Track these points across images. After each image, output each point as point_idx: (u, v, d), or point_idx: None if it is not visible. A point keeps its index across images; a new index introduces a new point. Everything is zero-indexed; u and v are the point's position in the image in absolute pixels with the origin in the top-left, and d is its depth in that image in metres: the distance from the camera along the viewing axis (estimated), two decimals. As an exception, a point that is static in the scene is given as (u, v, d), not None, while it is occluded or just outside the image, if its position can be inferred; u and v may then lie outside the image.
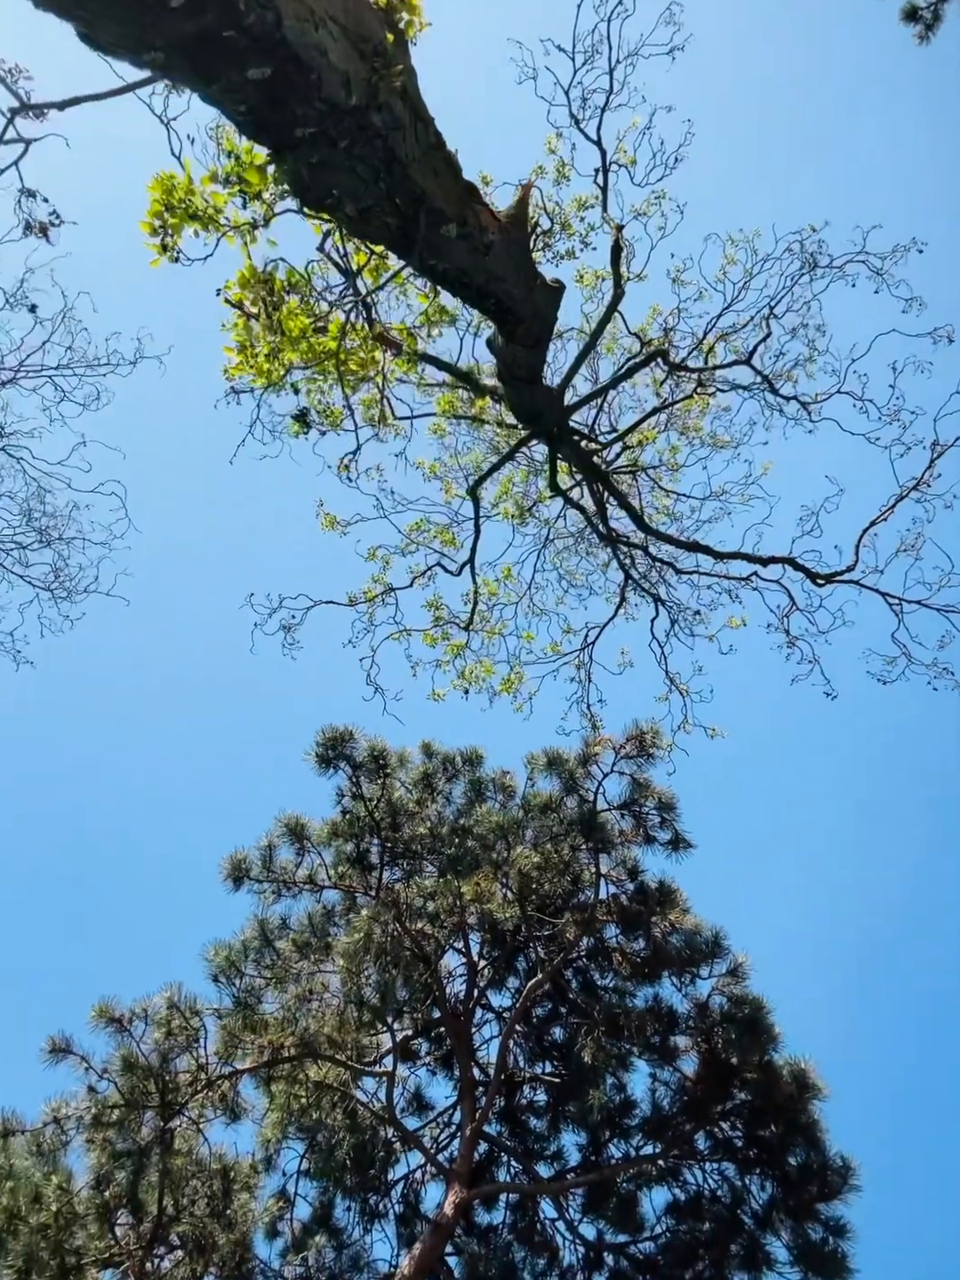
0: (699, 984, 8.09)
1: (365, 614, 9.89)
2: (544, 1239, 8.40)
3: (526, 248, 3.83)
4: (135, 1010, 7.09)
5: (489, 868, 8.12)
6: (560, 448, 9.26)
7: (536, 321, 4.40)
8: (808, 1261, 6.96)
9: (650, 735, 8.75)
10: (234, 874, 8.76)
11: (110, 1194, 6.98)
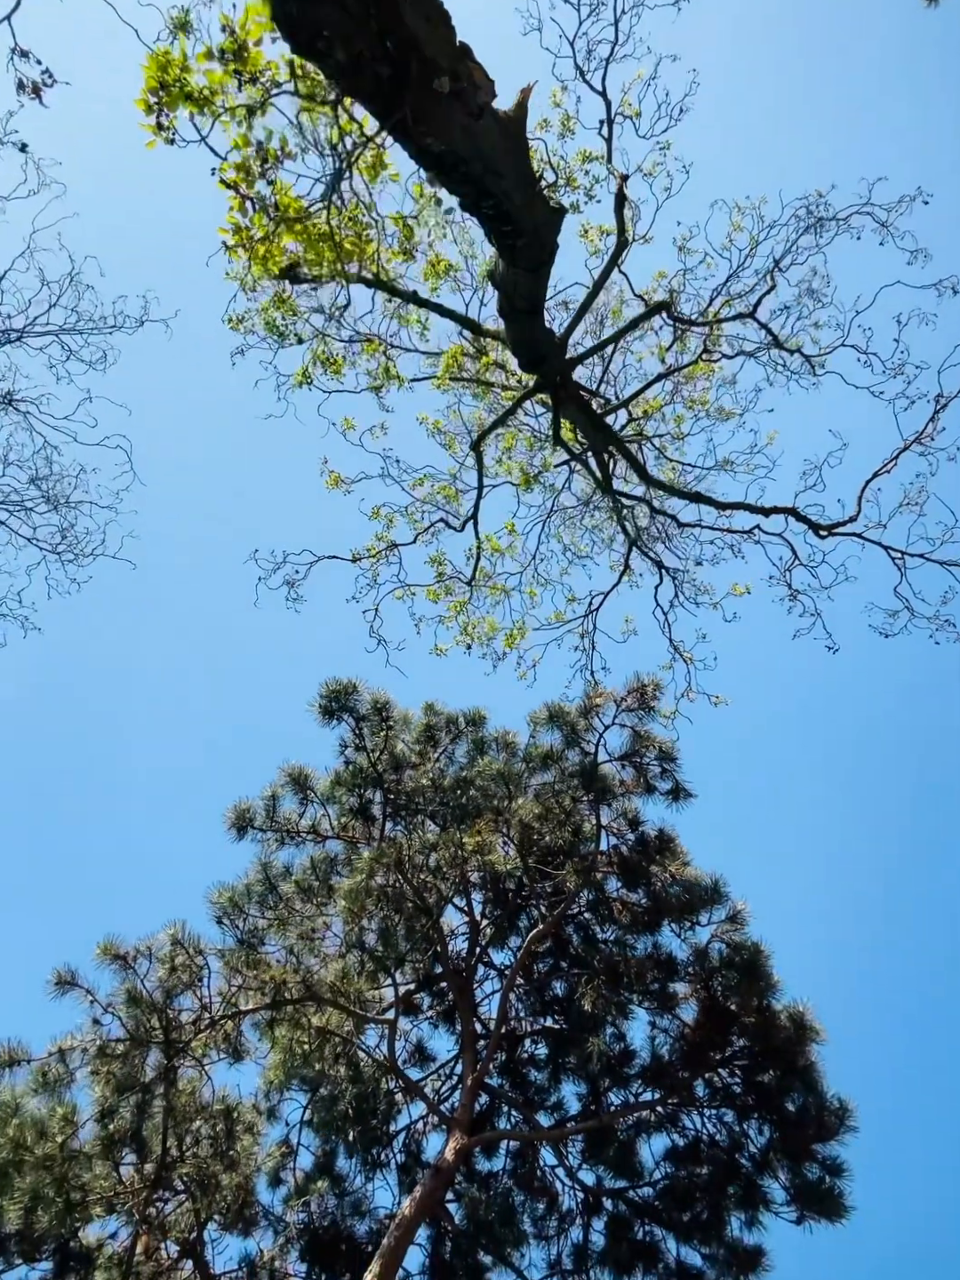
0: (699, 931, 8.14)
1: (369, 570, 9.94)
2: (543, 1184, 8.48)
3: (525, 153, 3.83)
4: (139, 948, 7.17)
5: (490, 814, 8.17)
6: (564, 408, 9.28)
7: (536, 240, 4.41)
8: (805, 1200, 7.01)
9: (651, 688, 8.78)
10: (238, 823, 8.84)
11: (114, 1127, 7.07)
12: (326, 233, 3.46)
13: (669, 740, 8.55)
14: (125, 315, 10.53)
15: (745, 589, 11.12)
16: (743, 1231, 7.22)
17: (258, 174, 3.35)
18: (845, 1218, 6.83)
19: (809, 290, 9.24)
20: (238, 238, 3.67)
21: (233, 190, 3.42)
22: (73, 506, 12.34)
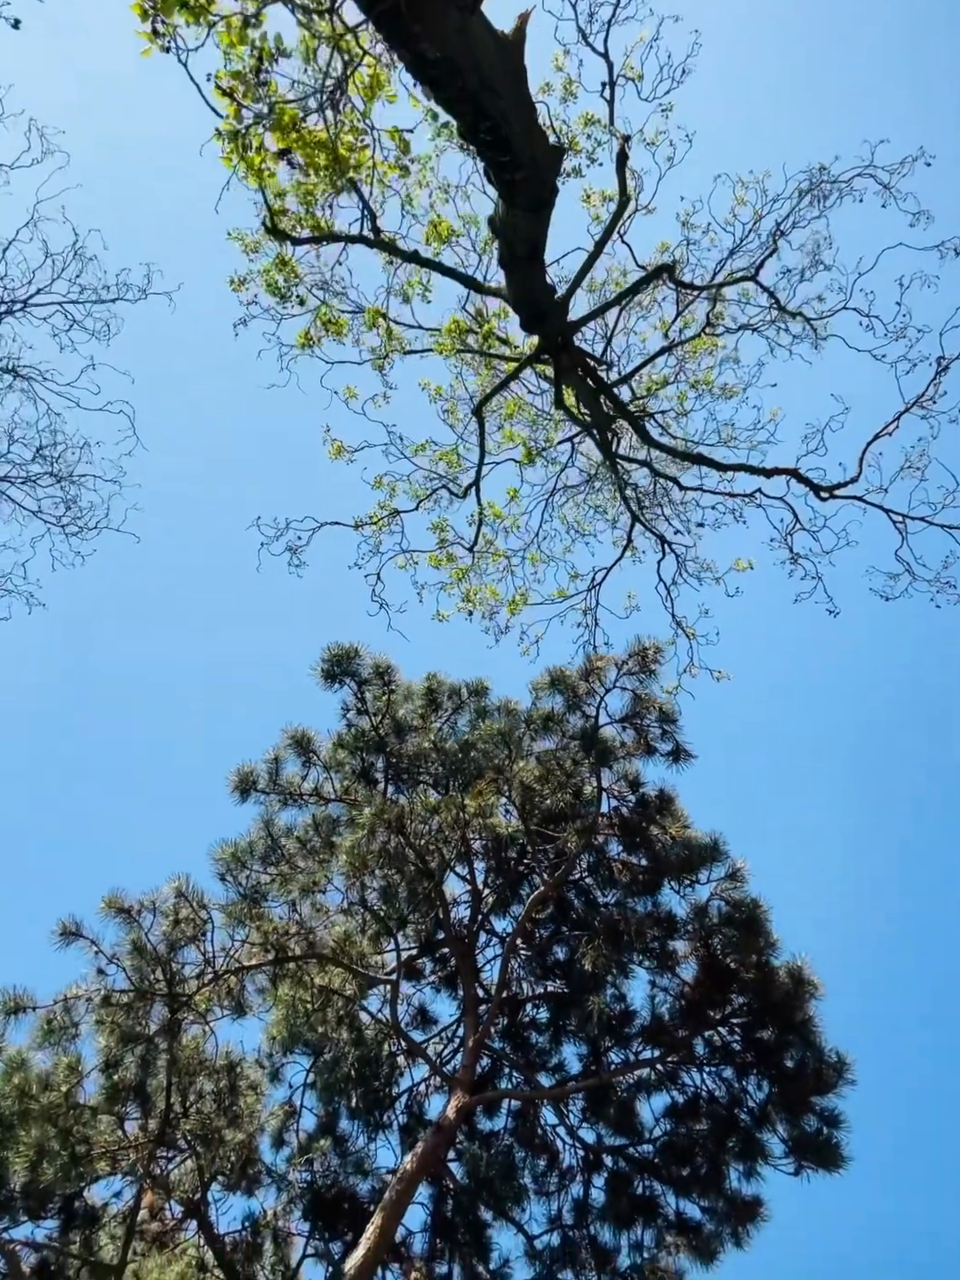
0: (698, 889, 8.18)
1: (372, 538, 9.97)
2: (544, 1142, 8.54)
3: (523, 80, 3.85)
4: (144, 902, 7.23)
5: (492, 773, 8.21)
6: (566, 376, 9.30)
7: (536, 176, 4.43)
8: (803, 1152, 7.06)
9: (652, 651, 8.81)
10: (241, 786, 8.90)
11: (119, 1078, 7.15)
12: (322, 139, 3.47)
13: (669, 701, 8.59)
14: (128, 284, 10.57)
15: (748, 564, 11.15)
16: (741, 1183, 7.29)
17: (253, 82, 3.37)
18: (843, 1168, 6.89)
19: (811, 253, 9.22)
20: (233, 146, 3.67)
21: (229, 98, 3.44)
22: (76, 480, 12.40)
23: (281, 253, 8.30)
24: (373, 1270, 7.42)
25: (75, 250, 10.88)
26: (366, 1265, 7.21)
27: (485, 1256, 8.14)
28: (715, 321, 10.82)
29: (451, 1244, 8.47)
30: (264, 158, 3.72)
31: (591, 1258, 7.59)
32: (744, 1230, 7.09)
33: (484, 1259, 8.12)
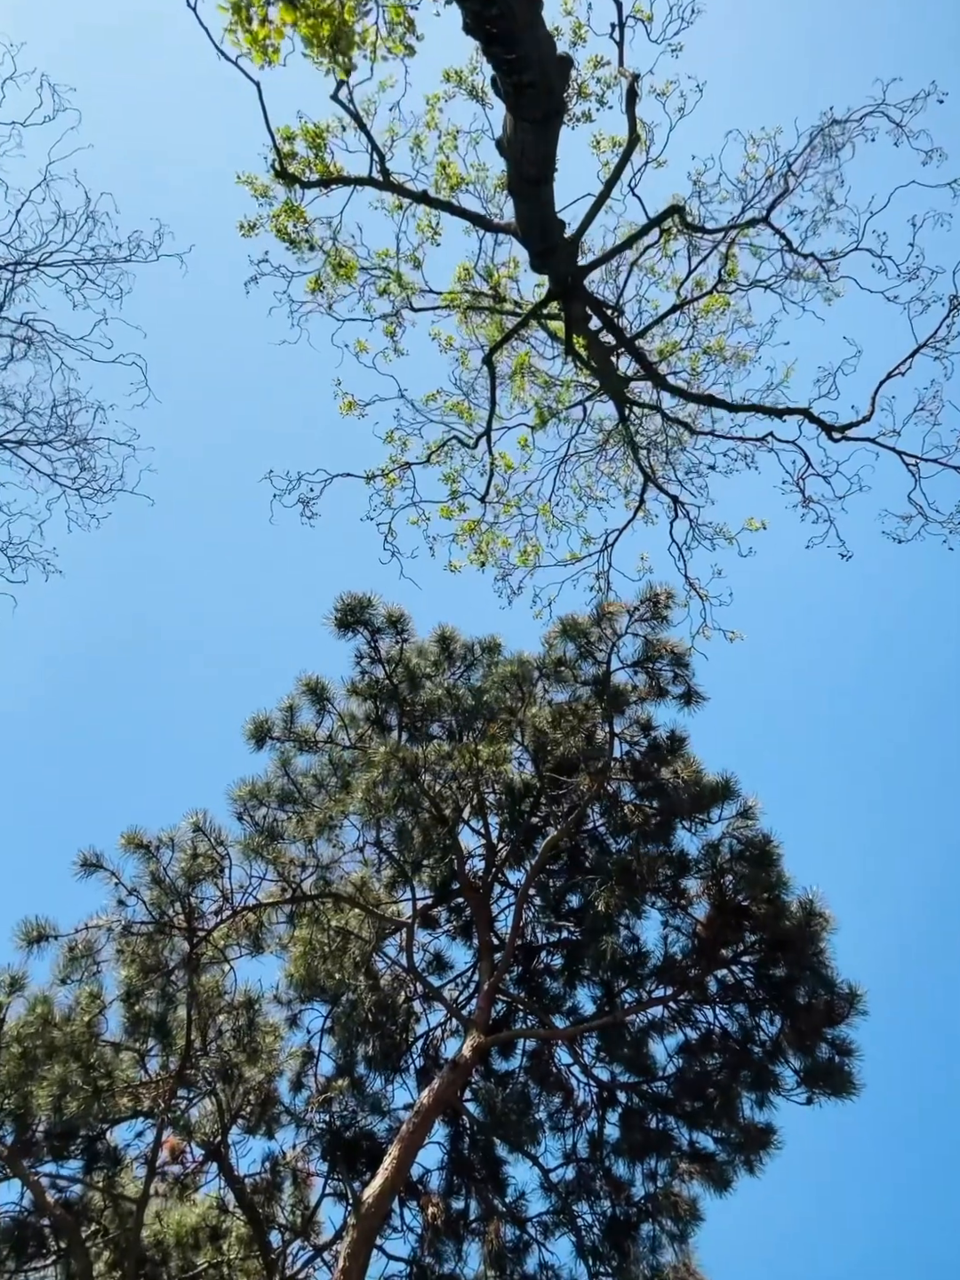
0: (710, 829, 8.22)
1: (383, 490, 10.02)
2: (559, 1080, 8.64)
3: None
4: (162, 838, 7.35)
5: (505, 715, 8.27)
6: (578, 325, 9.30)
7: (544, 81, 4.44)
8: (814, 1080, 7.13)
9: (664, 597, 8.83)
10: (256, 734, 8.98)
11: (139, 1008, 7.28)
12: (325, 7, 3.49)
13: (681, 643, 8.62)
14: (140, 240, 10.61)
15: (761, 524, 11.15)
16: (754, 1111, 7.36)
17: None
18: (855, 1094, 6.95)
19: (824, 195, 9.16)
20: (237, 16, 3.70)
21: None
22: (91, 443, 12.51)
23: (290, 199, 8.34)
24: (390, 1198, 7.55)
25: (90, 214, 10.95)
26: (384, 1194, 7.34)
27: (501, 1191, 8.26)
28: (727, 279, 10.79)
29: (468, 1180, 8.60)
30: (268, 32, 3.74)
31: (607, 1188, 7.69)
32: (757, 1158, 7.17)
33: (500, 1193, 8.24)
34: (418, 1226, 8.69)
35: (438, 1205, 8.46)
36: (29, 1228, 8.90)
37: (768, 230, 9.82)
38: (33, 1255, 8.95)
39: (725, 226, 9.33)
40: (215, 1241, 9.95)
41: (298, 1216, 9.65)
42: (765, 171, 9.81)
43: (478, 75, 8.81)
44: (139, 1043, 7.98)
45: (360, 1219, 7.15)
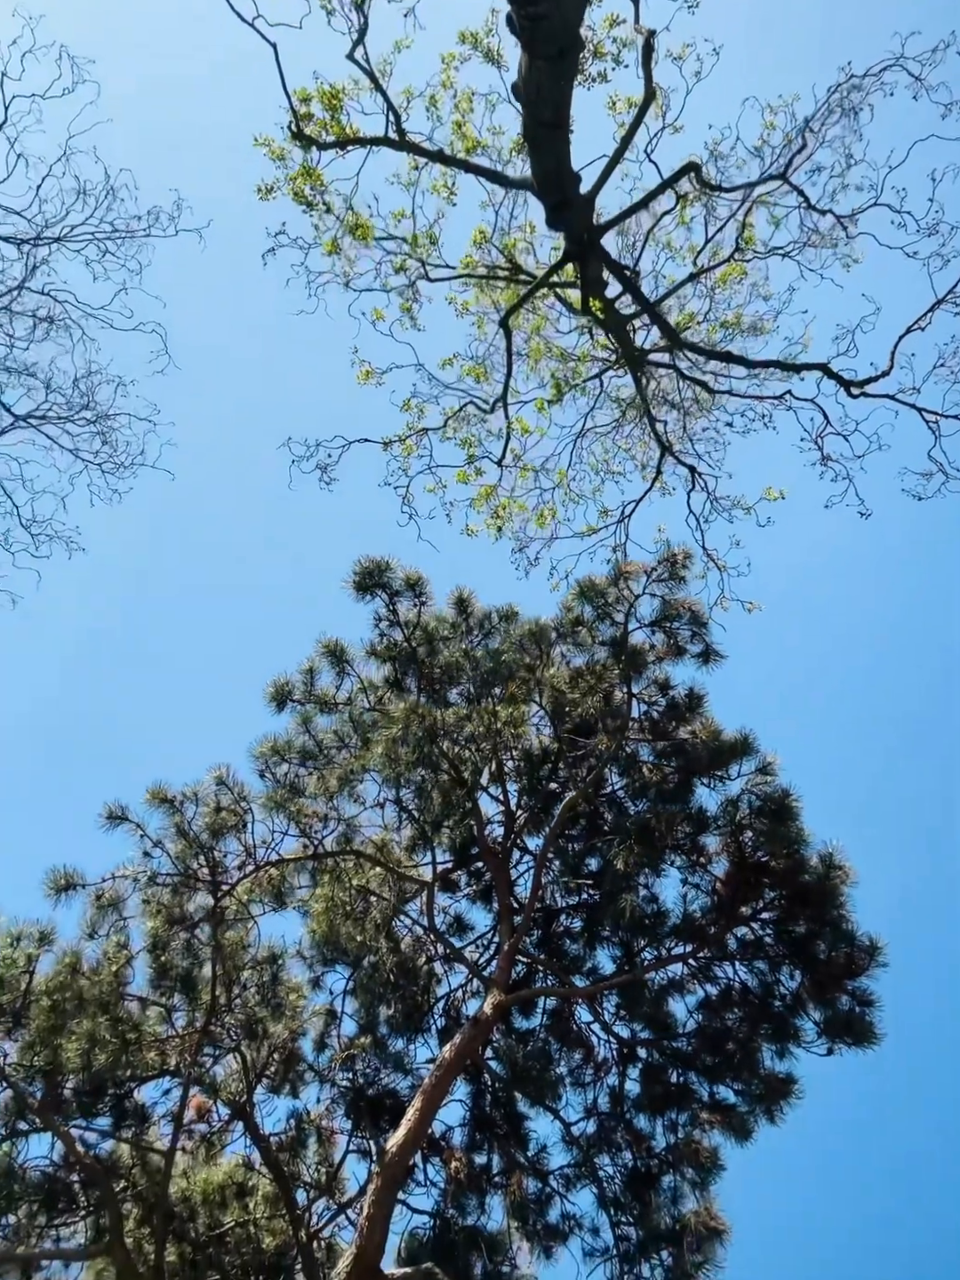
0: (729, 785, 8.23)
1: (400, 457, 10.08)
2: (579, 1037, 8.70)
3: None
4: (186, 793, 7.46)
5: (524, 673, 8.31)
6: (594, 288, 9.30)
7: (559, 15, 4.45)
8: (835, 1030, 7.15)
9: (681, 557, 8.83)
10: (277, 697, 9.08)
11: (165, 959, 7.40)
12: None
13: (699, 601, 8.63)
14: (159, 212, 10.69)
15: (780, 494, 11.12)
16: (774, 1062, 7.39)
17: None
18: (875, 1043, 6.96)
19: (843, 150, 9.10)
20: None
21: None
22: (112, 418, 12.64)
23: (307, 163, 8.39)
24: (413, 1148, 7.64)
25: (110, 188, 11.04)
26: (407, 1142, 7.42)
27: (523, 1145, 8.34)
28: (744, 247, 10.74)
29: (490, 1136, 8.69)
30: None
31: (628, 1139, 7.75)
32: (777, 1108, 7.20)
33: (522, 1147, 8.32)
34: (441, 1182, 8.80)
35: (460, 1160, 8.55)
36: (59, 1183, 9.06)
37: (786, 193, 9.81)
38: (63, 1210, 9.12)
39: (743, 184, 9.28)
40: (241, 1199, 10.11)
41: (322, 1174, 9.78)
42: (783, 139, 9.78)
43: (493, 37, 8.82)
44: (165, 997, 8.10)
45: (385, 1167, 7.23)
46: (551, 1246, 7.62)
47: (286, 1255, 9.69)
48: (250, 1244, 9.86)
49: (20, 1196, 8.78)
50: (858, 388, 8.38)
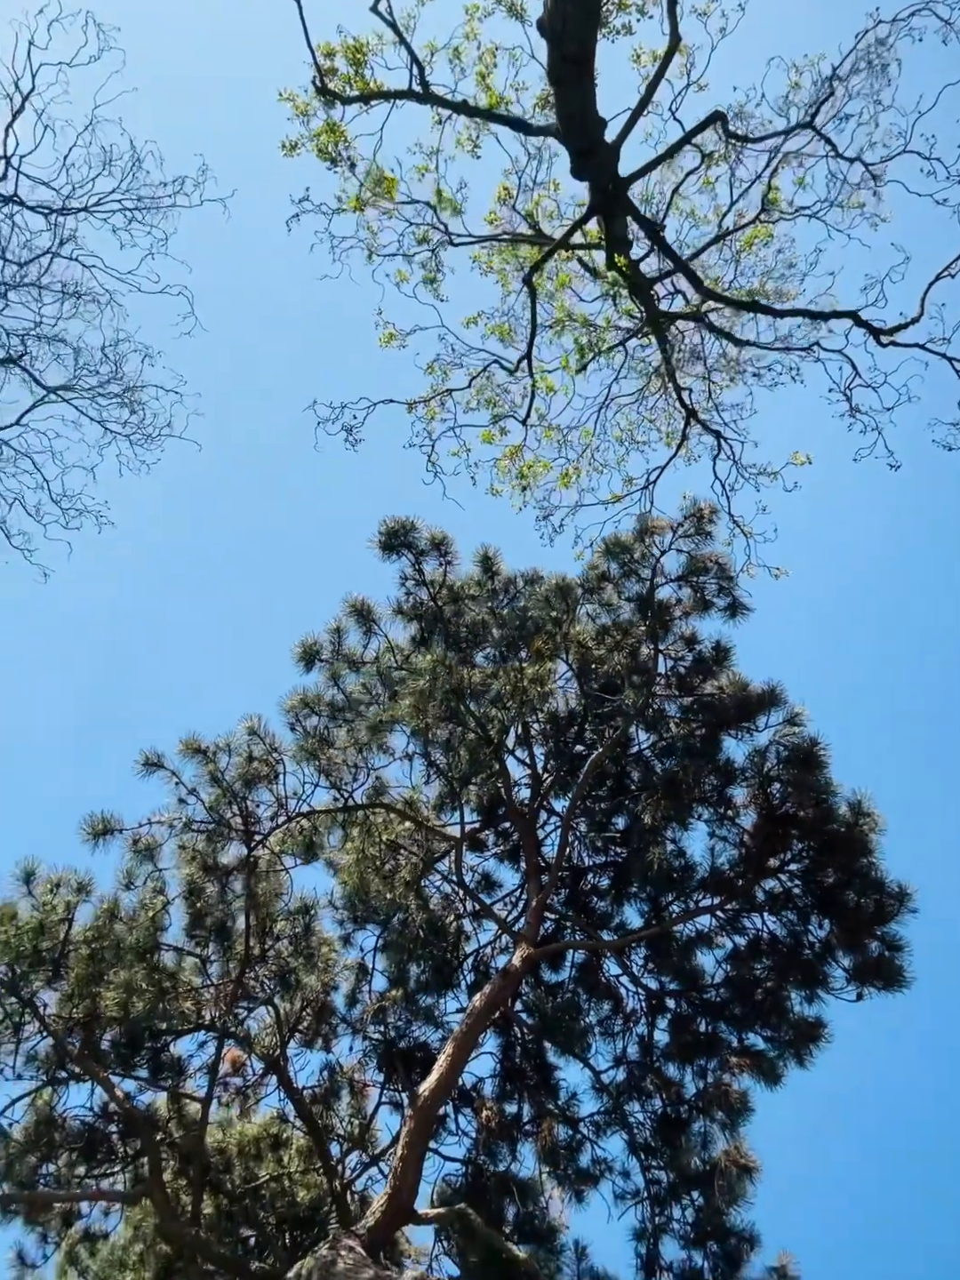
0: (757, 737, 8.23)
1: (425, 419, 10.12)
2: (608, 988, 8.77)
3: None
4: (219, 744, 7.57)
5: (551, 626, 8.35)
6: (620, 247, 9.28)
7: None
8: (864, 975, 7.16)
9: (708, 512, 8.81)
10: (305, 657, 9.17)
11: (200, 905, 7.54)
12: None
13: (726, 554, 8.62)
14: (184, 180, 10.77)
15: (806, 458, 11.04)
16: (803, 1007, 7.42)
17: None
18: (905, 987, 6.97)
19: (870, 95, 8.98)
20: None
21: None
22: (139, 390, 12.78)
23: (331, 119, 8.42)
24: (445, 1092, 7.75)
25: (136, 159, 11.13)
26: (439, 1087, 7.53)
27: (554, 1094, 8.44)
28: (770, 208, 10.65)
29: (520, 1086, 8.79)
30: None
31: (658, 1086, 7.82)
32: (806, 1051, 7.24)
33: (552, 1096, 8.41)
34: (472, 1131, 8.92)
35: (491, 1109, 8.66)
36: (98, 1133, 9.27)
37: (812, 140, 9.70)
38: (101, 1161, 9.34)
39: (769, 134, 9.18)
40: (276, 1151, 10.30)
41: (355, 1126, 9.94)
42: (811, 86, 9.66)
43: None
44: (200, 947, 8.26)
45: (417, 1110, 7.35)
46: (582, 1190, 7.72)
47: (320, 1210, 9.87)
48: (285, 1197, 10.06)
49: (60, 1145, 9.01)
50: (887, 335, 8.31)
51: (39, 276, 11.24)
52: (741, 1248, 6.46)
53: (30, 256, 10.24)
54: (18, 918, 6.82)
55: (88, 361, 12.27)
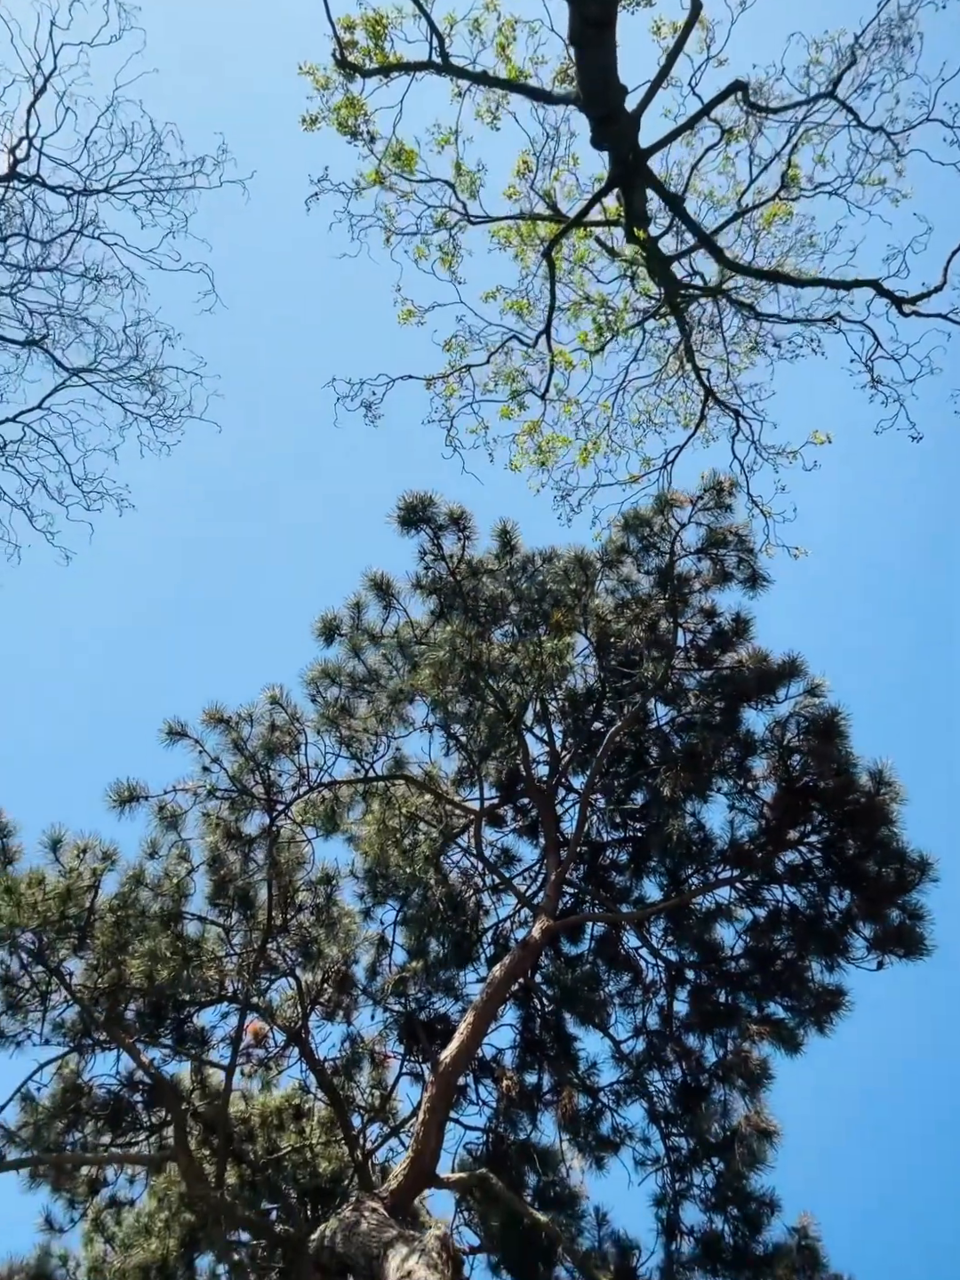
0: (777, 708, 8.22)
1: (443, 394, 10.15)
2: (628, 961, 8.81)
3: None
4: (241, 714, 7.65)
5: (570, 598, 8.36)
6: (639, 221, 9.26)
7: None
8: (885, 944, 7.16)
9: (727, 485, 8.79)
10: (325, 632, 9.23)
11: (224, 872, 7.63)
12: None
13: (746, 525, 8.59)
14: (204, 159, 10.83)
15: (826, 437, 10.98)
16: (823, 975, 7.43)
17: None
18: (926, 954, 6.97)
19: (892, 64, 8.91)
20: None
21: None
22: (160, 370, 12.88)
23: (351, 93, 8.44)
24: (466, 1059, 7.81)
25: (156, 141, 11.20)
26: (460, 1054, 7.59)
27: (573, 1064, 8.49)
28: (790, 184, 10.59)
29: (540, 1057, 8.85)
30: None
31: (678, 1055, 7.86)
32: (827, 1019, 7.25)
33: (572, 1066, 8.46)
34: (492, 1101, 8.99)
35: (511, 1079, 8.73)
36: (123, 1102, 9.40)
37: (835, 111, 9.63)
38: (126, 1129, 9.47)
39: (791, 104, 9.13)
40: (298, 1122, 10.42)
41: (375, 1098, 10.03)
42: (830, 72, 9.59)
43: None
44: (223, 916, 8.35)
45: (438, 1076, 7.41)
46: (603, 1157, 7.77)
47: (341, 1183, 9.98)
48: (307, 1168, 10.17)
49: (86, 1113, 9.15)
50: (909, 305, 8.26)
51: (62, 258, 11.35)
52: (762, 1212, 6.49)
53: (52, 236, 10.32)
54: (45, 882, 6.91)
55: (109, 343, 12.39)
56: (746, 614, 8.55)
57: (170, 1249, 10.09)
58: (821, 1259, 5.92)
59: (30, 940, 7.93)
